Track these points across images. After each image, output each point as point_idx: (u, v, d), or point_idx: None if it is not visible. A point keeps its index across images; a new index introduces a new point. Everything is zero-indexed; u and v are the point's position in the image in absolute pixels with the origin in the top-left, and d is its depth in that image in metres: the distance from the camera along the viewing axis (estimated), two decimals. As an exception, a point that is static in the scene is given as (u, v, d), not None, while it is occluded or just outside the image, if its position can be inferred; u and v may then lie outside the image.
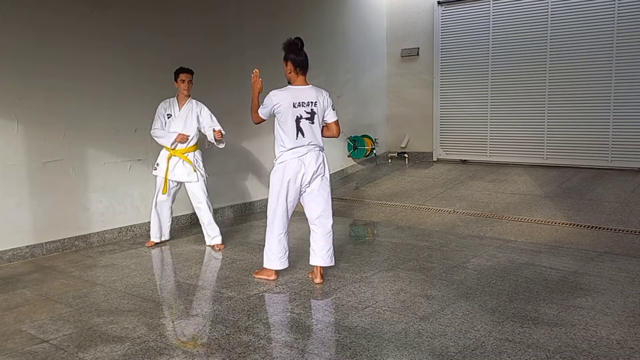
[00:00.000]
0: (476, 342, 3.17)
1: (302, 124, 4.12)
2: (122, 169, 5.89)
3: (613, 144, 7.81)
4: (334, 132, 4.33)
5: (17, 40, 5.03)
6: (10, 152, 5.04)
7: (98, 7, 5.57)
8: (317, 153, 4.19)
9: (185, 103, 5.31)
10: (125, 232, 5.94)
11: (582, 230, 5.72)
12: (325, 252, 4.27)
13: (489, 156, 8.89)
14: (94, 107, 5.60)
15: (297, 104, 4.10)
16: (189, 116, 5.28)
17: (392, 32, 9.60)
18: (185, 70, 5.27)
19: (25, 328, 3.54)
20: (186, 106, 5.30)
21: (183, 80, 5.24)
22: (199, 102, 5.36)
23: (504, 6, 8.53)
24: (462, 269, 4.56)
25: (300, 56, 4.13)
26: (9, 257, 5.07)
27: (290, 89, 4.17)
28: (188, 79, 5.26)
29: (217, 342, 3.27)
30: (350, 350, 3.10)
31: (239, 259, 5.05)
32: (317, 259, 4.28)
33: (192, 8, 6.45)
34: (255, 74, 4.35)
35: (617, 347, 3.08)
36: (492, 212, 6.55)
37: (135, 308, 3.85)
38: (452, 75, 9.12)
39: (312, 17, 8.10)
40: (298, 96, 4.12)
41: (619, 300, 3.80)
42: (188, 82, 5.26)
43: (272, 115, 4.19)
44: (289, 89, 4.17)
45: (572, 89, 8.03)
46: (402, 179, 8.50)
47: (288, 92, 4.15)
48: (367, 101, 9.35)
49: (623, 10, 7.56)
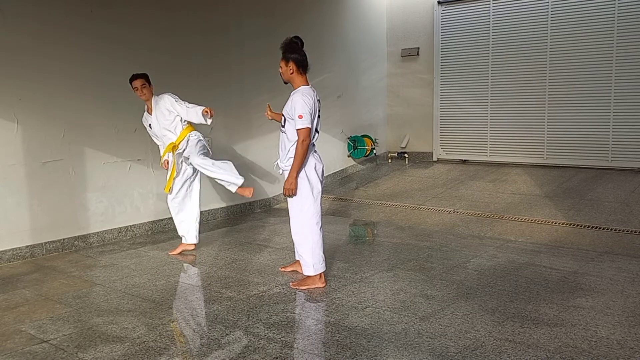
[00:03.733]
0: (476, 342, 3.17)
1: (316, 124, 4.14)
2: (122, 169, 5.88)
3: (613, 144, 7.81)
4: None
5: (17, 40, 5.02)
6: (10, 152, 5.03)
7: (98, 7, 5.56)
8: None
9: (153, 105, 5.10)
10: (125, 232, 5.94)
11: (582, 230, 5.72)
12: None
13: (489, 156, 8.89)
14: (93, 107, 5.60)
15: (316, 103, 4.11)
16: (159, 113, 5.06)
17: (392, 32, 9.60)
18: (134, 77, 5.00)
19: (25, 328, 3.54)
20: (153, 107, 5.09)
21: (136, 88, 4.99)
22: (159, 95, 5.08)
23: (504, 6, 8.52)
24: (462, 269, 4.56)
25: (303, 55, 4.07)
26: (8, 257, 5.07)
27: (309, 89, 4.08)
28: (140, 84, 4.98)
29: (217, 342, 3.27)
30: (350, 350, 3.10)
31: (239, 259, 5.05)
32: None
33: (192, 6, 6.45)
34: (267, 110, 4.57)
35: (617, 347, 3.08)
36: (492, 212, 6.54)
37: (135, 308, 3.85)
38: (452, 75, 9.11)
39: (311, 16, 8.10)
40: (314, 95, 4.11)
41: (619, 300, 3.80)
42: (141, 87, 4.98)
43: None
44: (309, 90, 4.08)
45: (572, 89, 8.03)
46: (402, 179, 8.50)
47: (312, 90, 4.09)
48: (367, 101, 9.35)
49: (623, 10, 7.56)
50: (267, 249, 5.36)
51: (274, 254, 5.16)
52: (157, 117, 5.09)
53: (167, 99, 5.04)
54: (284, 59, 4.06)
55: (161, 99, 5.07)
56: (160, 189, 6.05)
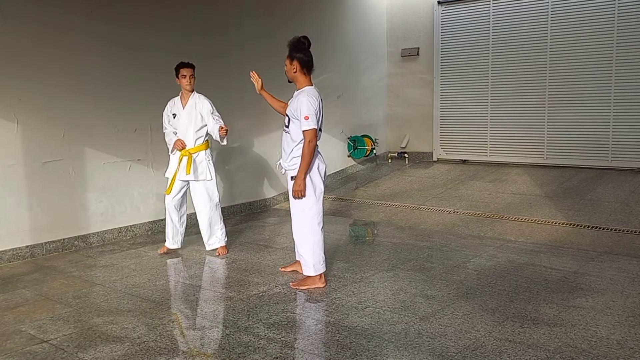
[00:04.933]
0: (476, 342, 3.17)
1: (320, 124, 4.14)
2: (122, 169, 5.88)
3: (613, 144, 7.81)
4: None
5: (17, 40, 5.02)
6: (10, 152, 5.03)
7: (98, 7, 5.56)
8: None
9: (189, 99, 5.09)
10: (125, 232, 5.94)
11: (582, 230, 5.72)
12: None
13: (489, 156, 8.89)
14: (93, 107, 5.60)
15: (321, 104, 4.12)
16: (193, 113, 5.06)
17: (392, 32, 9.60)
18: (186, 65, 5.03)
19: (25, 328, 3.54)
20: (190, 102, 5.08)
21: (184, 76, 4.99)
22: (202, 96, 5.12)
23: (504, 6, 8.53)
24: (462, 269, 4.56)
25: (308, 56, 4.07)
26: (8, 257, 5.07)
27: (314, 90, 4.09)
28: (189, 74, 5.01)
29: (217, 342, 3.27)
30: (350, 350, 3.10)
31: (239, 259, 5.05)
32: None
33: (192, 6, 6.45)
34: (253, 75, 4.47)
35: (617, 347, 3.08)
36: (492, 212, 6.54)
37: (135, 308, 3.85)
38: (452, 75, 9.11)
39: (311, 16, 8.10)
40: (319, 96, 4.11)
41: (619, 300, 3.80)
42: (190, 76, 5.01)
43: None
44: (314, 90, 4.09)
45: (572, 89, 8.03)
46: (402, 179, 8.50)
47: (316, 91, 4.10)
48: (367, 101, 9.35)
49: (623, 10, 7.56)
50: (267, 249, 5.37)
51: (274, 254, 5.16)
52: (189, 114, 5.07)
53: (208, 105, 5.12)
54: (289, 57, 4.08)
55: (202, 100, 5.11)
56: (160, 189, 6.05)
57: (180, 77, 5.04)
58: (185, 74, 5.02)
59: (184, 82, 5.04)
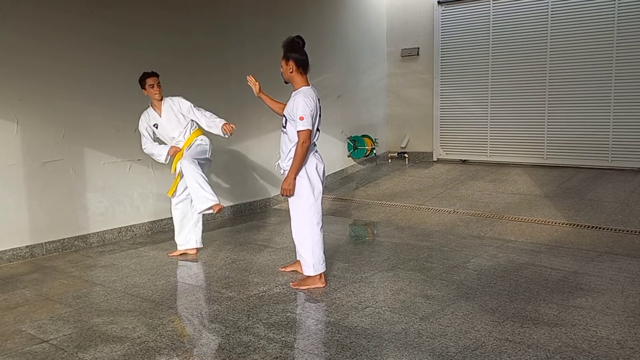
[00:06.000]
0: (476, 342, 3.17)
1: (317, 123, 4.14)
2: (122, 169, 5.88)
3: (613, 144, 7.81)
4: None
5: (16, 40, 5.02)
6: (10, 152, 5.03)
7: (98, 7, 5.56)
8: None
9: (162, 106, 5.04)
10: (125, 232, 5.94)
11: (582, 230, 5.72)
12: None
13: (489, 156, 8.89)
14: (93, 107, 5.60)
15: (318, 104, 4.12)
16: (172, 116, 5.02)
17: (392, 32, 9.60)
18: (150, 74, 4.97)
19: (25, 328, 3.54)
20: (164, 108, 5.03)
21: (152, 85, 4.94)
22: (173, 98, 5.07)
23: (504, 6, 8.52)
24: (462, 269, 4.56)
25: (304, 55, 4.07)
26: (8, 257, 5.07)
27: (311, 91, 4.09)
28: (156, 82, 4.96)
29: (217, 342, 3.27)
30: (350, 350, 3.10)
31: (239, 259, 5.05)
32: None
33: (191, 5, 6.45)
34: (250, 79, 4.47)
35: (617, 347, 3.08)
36: (492, 212, 6.54)
37: (135, 308, 3.85)
38: (452, 75, 9.11)
39: (311, 16, 8.10)
40: (316, 96, 4.11)
41: (619, 300, 3.80)
42: (157, 85, 4.96)
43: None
44: (311, 91, 4.09)
45: (572, 89, 8.03)
46: (402, 179, 8.50)
47: (312, 91, 4.10)
48: (367, 101, 9.35)
49: (623, 10, 7.56)
50: (267, 249, 5.37)
51: (274, 254, 5.16)
52: (169, 119, 5.03)
53: (184, 103, 5.04)
54: (285, 57, 4.08)
55: (175, 102, 5.04)
56: (160, 189, 6.06)
57: (148, 88, 4.98)
58: (153, 83, 4.96)
59: (152, 91, 4.98)
